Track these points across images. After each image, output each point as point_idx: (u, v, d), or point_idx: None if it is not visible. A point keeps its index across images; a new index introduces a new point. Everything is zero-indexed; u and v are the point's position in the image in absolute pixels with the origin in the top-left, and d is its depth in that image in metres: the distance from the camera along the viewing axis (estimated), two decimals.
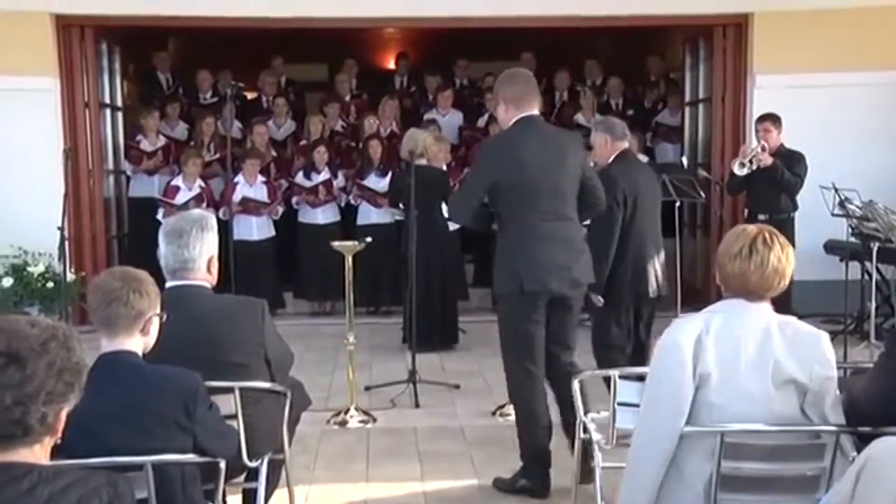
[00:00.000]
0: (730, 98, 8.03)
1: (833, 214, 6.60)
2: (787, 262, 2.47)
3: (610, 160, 4.91)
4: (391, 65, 11.03)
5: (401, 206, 6.71)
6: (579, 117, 9.09)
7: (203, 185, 7.96)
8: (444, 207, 6.91)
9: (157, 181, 8.36)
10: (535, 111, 4.01)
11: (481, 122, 9.10)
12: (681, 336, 2.42)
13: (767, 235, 2.48)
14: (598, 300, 4.82)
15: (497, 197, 3.98)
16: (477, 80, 10.13)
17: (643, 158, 8.34)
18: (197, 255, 3.05)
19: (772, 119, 6.79)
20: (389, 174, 7.96)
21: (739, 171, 6.66)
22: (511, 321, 4.01)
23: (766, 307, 2.50)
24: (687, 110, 8.96)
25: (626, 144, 4.96)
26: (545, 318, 3.99)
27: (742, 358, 2.41)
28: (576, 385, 3.57)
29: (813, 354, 2.44)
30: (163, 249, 3.08)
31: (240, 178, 7.89)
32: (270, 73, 9.67)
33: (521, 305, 3.95)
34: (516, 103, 3.98)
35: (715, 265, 2.56)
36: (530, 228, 3.94)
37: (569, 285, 3.98)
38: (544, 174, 3.93)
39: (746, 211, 7.10)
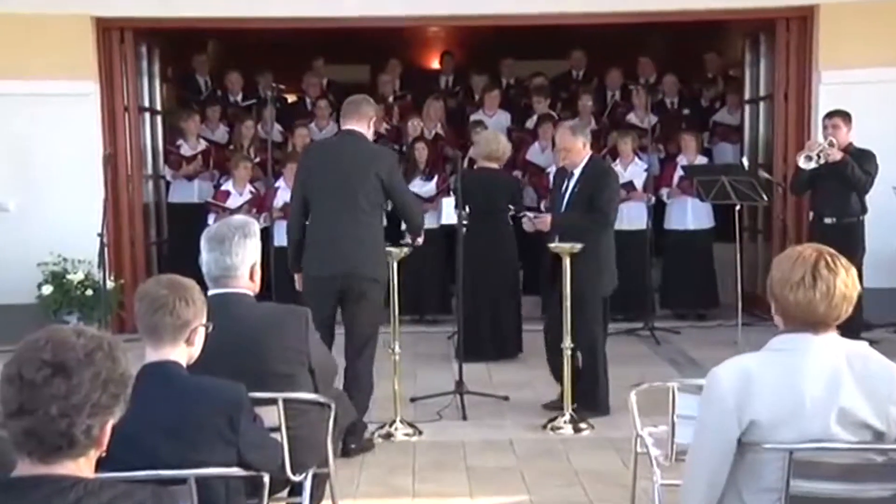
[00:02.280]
0: (793, 95, 7.90)
1: None
2: (854, 286, 2.36)
3: (584, 162, 5.37)
4: (435, 64, 11.05)
5: (468, 208, 6.72)
6: (632, 117, 9.01)
7: (253, 189, 8.04)
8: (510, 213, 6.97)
9: (197, 186, 8.47)
10: (352, 126, 4.89)
11: (530, 124, 9.07)
12: (724, 379, 2.35)
13: (829, 259, 2.36)
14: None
15: (307, 194, 4.85)
16: (524, 79, 10.10)
17: (703, 160, 8.26)
18: (239, 262, 3.08)
19: (842, 115, 6.64)
20: (435, 178, 7.98)
21: (805, 165, 6.52)
22: (307, 301, 4.72)
23: (832, 338, 2.38)
24: (747, 108, 8.84)
25: None
26: (335, 303, 4.80)
27: (807, 401, 2.31)
28: (632, 398, 3.55)
29: (888, 393, 2.33)
30: (205, 256, 3.11)
31: (280, 182, 7.95)
32: (314, 74, 9.75)
33: (310, 288, 4.82)
34: (342, 118, 5.03)
35: (769, 296, 2.43)
36: (324, 223, 4.79)
37: (350, 276, 4.73)
38: (341, 178, 4.75)
39: (812, 214, 6.97)
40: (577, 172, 5.42)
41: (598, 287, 5.37)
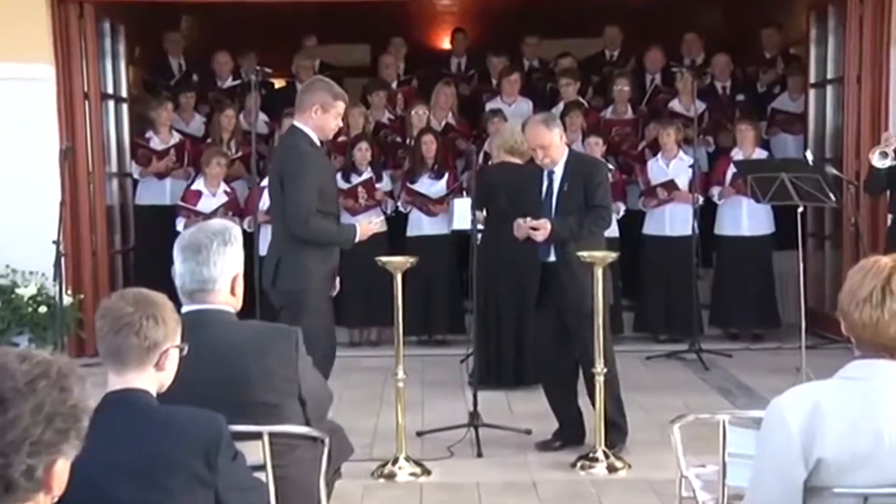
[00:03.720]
0: (867, 78, 7.90)
1: None
2: None
3: (565, 157, 5.43)
4: (446, 44, 11.10)
5: (486, 210, 6.73)
6: (676, 104, 9.02)
7: (228, 189, 8.10)
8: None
9: (170, 186, 8.52)
10: (295, 121, 5.17)
11: (555, 112, 9.07)
12: (788, 412, 2.34)
13: None
14: None
15: None
16: (549, 60, 10.12)
17: (761, 153, 8.25)
18: (218, 273, 3.09)
19: None
20: (446, 175, 8.00)
21: (879, 163, 6.52)
22: None
23: None
24: (812, 93, 8.85)
25: None
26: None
27: (885, 439, 2.30)
28: (675, 432, 3.54)
29: None
30: (178, 267, 3.12)
31: (266, 181, 7.98)
32: (305, 55, 9.79)
33: None
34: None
35: (838, 312, 2.41)
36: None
37: (270, 288, 5.12)
38: (271, 184, 5.33)
39: (890, 217, 6.95)
40: (558, 170, 5.47)
41: (606, 295, 5.40)
